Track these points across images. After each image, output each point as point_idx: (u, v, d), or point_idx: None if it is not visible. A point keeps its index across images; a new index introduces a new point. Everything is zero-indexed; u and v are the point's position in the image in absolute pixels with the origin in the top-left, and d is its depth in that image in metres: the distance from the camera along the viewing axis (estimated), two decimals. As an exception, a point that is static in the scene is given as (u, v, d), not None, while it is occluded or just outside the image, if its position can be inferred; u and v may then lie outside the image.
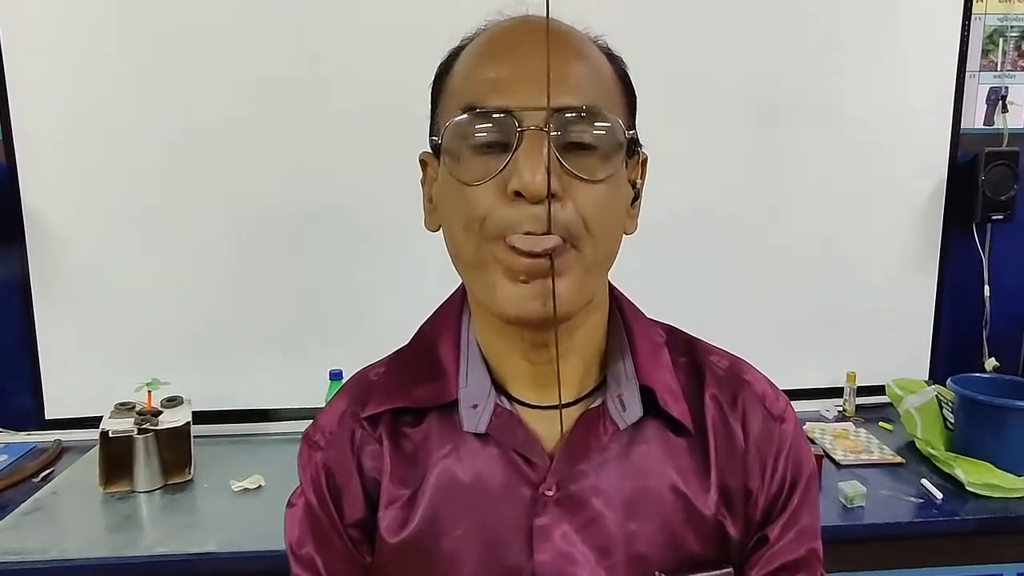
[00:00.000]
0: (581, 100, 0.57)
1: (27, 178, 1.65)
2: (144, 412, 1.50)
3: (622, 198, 0.62)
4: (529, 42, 0.56)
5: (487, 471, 0.63)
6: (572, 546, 0.61)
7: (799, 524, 0.67)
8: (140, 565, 1.25)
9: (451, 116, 0.58)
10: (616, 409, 0.63)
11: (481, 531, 0.62)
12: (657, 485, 0.63)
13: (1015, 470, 1.44)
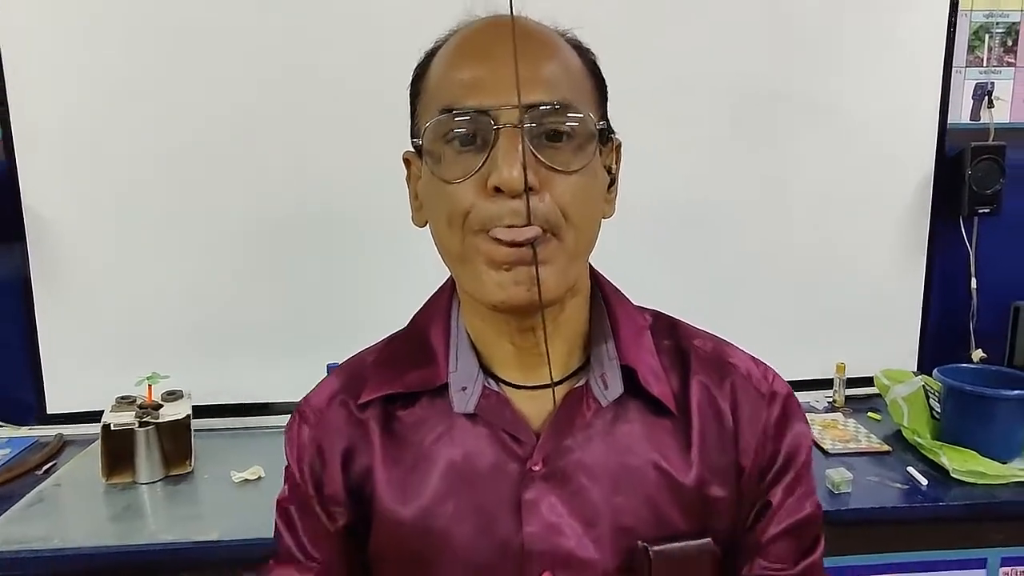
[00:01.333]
0: (552, 96, 0.60)
1: (27, 176, 1.67)
2: (145, 406, 1.52)
3: (598, 185, 0.65)
4: (499, 42, 0.59)
5: (477, 450, 0.66)
6: (559, 518, 0.65)
7: (800, 487, 0.71)
8: (144, 553, 1.28)
9: (430, 117, 0.61)
10: (599, 388, 0.67)
11: (473, 507, 0.65)
12: (640, 462, 0.66)
13: (1000, 458, 1.47)
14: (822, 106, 1.80)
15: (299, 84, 1.68)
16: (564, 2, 0.72)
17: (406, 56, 0.69)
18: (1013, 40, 1.81)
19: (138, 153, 1.67)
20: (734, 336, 0.81)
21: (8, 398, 1.74)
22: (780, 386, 0.73)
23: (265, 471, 1.50)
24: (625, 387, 0.67)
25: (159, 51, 1.65)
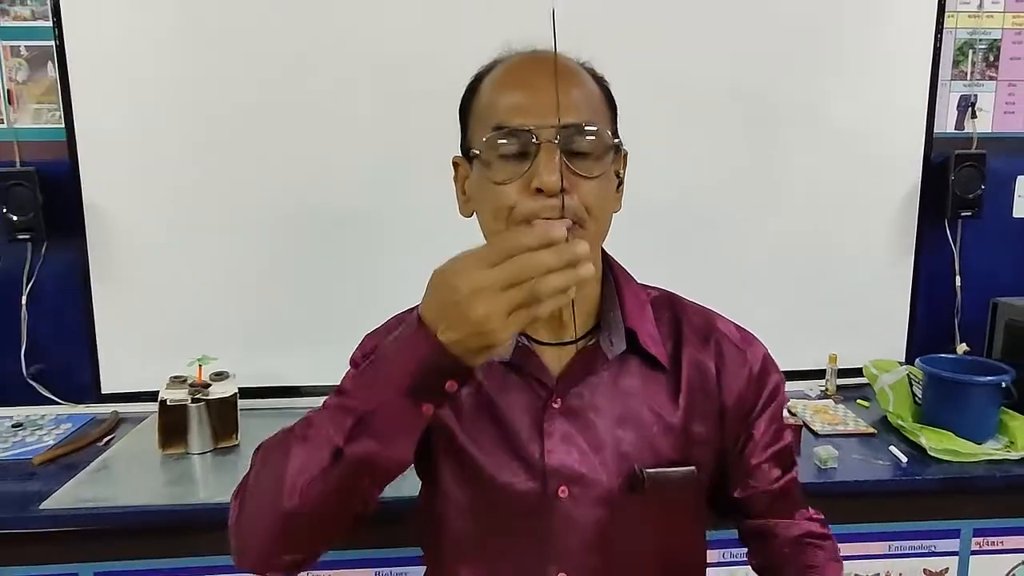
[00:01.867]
0: (580, 118, 0.76)
1: (87, 175, 1.82)
2: (196, 384, 1.68)
3: (612, 187, 0.82)
4: (537, 74, 0.76)
5: (510, 390, 0.83)
6: (572, 443, 0.81)
7: (777, 423, 0.89)
8: (197, 512, 1.43)
9: (483, 133, 0.77)
10: (607, 345, 0.83)
11: (506, 434, 0.82)
12: (637, 404, 0.83)
13: (975, 439, 1.60)
14: (817, 115, 1.93)
15: (342, 91, 1.82)
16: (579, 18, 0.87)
17: (439, 68, 0.85)
18: (995, 56, 1.95)
19: (189, 154, 1.83)
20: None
21: (67, 378, 1.90)
22: (758, 346, 0.90)
23: (304, 444, 1.65)
24: (628, 346, 0.83)
25: (212, 58, 1.80)
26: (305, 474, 0.69)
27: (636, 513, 0.82)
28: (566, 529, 0.82)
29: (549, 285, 0.62)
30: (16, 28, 1.77)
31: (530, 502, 0.81)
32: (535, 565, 0.82)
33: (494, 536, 0.83)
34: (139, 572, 1.43)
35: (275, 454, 0.73)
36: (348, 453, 0.69)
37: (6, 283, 1.85)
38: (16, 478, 1.52)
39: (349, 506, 0.73)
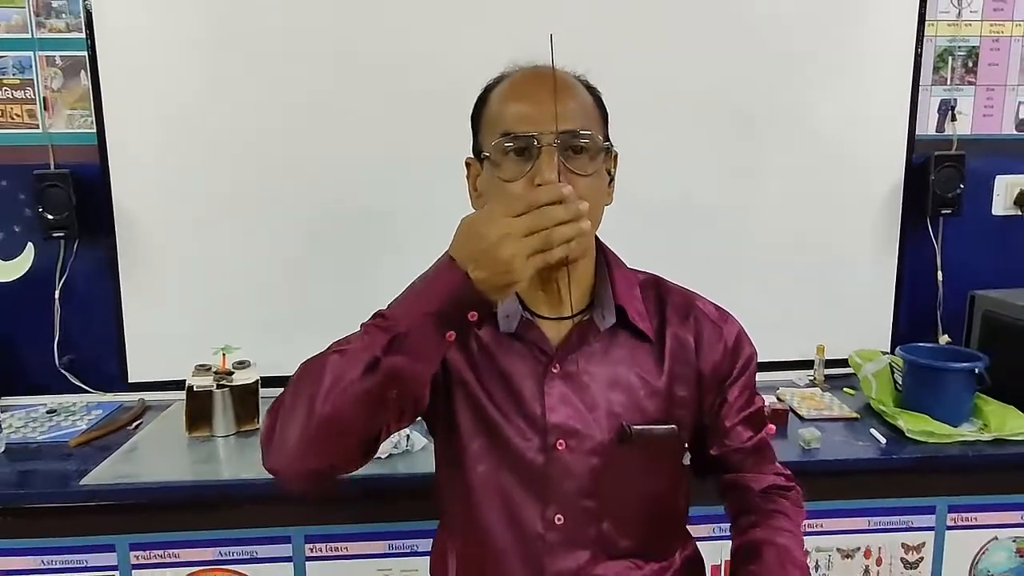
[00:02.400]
0: (575, 124, 0.89)
1: (117, 177, 1.93)
2: (220, 372, 1.79)
3: (603, 183, 0.94)
4: (539, 87, 0.88)
5: (515, 357, 0.95)
6: (569, 403, 0.93)
7: (749, 389, 1.01)
8: (222, 487, 1.55)
9: (493, 137, 0.90)
10: (599, 319, 0.95)
11: (512, 394, 0.94)
12: (626, 372, 0.95)
13: (950, 421, 1.70)
14: (806, 120, 2.03)
15: (358, 94, 1.93)
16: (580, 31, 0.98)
17: (454, 79, 0.96)
18: (973, 62, 2.06)
19: (211, 158, 1.94)
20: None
21: (97, 368, 2.02)
22: (733, 323, 1.03)
23: (322, 427, 1.76)
24: (618, 321, 0.95)
25: (233, 65, 1.91)
26: (341, 383, 0.79)
27: (624, 464, 0.94)
28: (563, 477, 0.94)
29: (560, 234, 0.76)
30: (52, 39, 1.89)
31: (532, 453, 0.94)
32: (537, 506, 0.94)
33: (504, 480, 0.95)
34: (170, 543, 1.54)
35: (312, 368, 0.83)
36: (384, 364, 0.79)
37: (41, 279, 1.97)
38: (55, 458, 1.64)
39: (372, 419, 0.83)
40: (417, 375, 0.82)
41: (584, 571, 0.95)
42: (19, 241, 1.96)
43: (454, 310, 0.79)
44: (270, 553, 1.56)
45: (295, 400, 0.83)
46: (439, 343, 0.80)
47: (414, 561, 1.58)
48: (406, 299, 0.83)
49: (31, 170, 1.89)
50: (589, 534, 0.95)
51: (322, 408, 0.80)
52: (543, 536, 0.94)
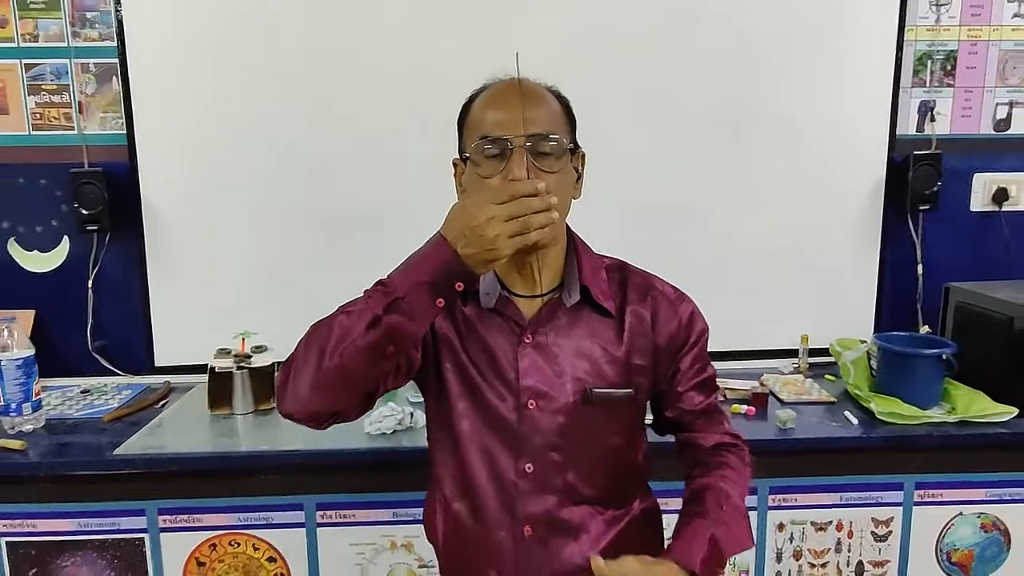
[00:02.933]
0: (543, 128, 1.02)
1: (145, 175, 2.08)
2: (239, 355, 1.94)
3: (570, 180, 1.07)
4: (513, 98, 1.01)
5: (494, 329, 1.09)
6: (539, 369, 1.07)
7: (701, 360, 1.14)
8: (242, 458, 1.70)
9: (473, 140, 1.03)
10: (566, 297, 1.09)
11: (491, 360, 1.08)
12: (590, 343, 1.08)
13: (920, 405, 1.81)
14: (792, 120, 2.14)
15: (373, 100, 2.07)
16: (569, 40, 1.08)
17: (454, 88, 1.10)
18: (952, 65, 2.16)
19: (232, 157, 2.09)
20: (718, 311, 1.22)
21: (126, 352, 2.17)
22: (688, 303, 1.16)
23: (333, 406, 1.90)
24: (583, 299, 1.09)
25: (250, 73, 2.06)
26: (347, 338, 0.94)
27: (586, 422, 1.08)
28: (533, 432, 1.07)
29: (535, 221, 0.92)
30: (86, 48, 2.04)
31: (507, 411, 1.08)
32: (512, 457, 1.08)
33: (484, 434, 1.09)
34: (194, 508, 1.69)
35: (322, 327, 0.98)
36: (383, 322, 0.93)
37: (75, 270, 2.13)
38: (90, 432, 1.79)
39: (372, 370, 0.97)
40: (411, 333, 0.96)
41: (551, 513, 1.09)
42: (56, 234, 2.12)
43: (444, 280, 0.94)
44: (284, 519, 1.70)
45: (307, 354, 0.98)
46: (430, 307, 0.95)
47: (416, 528, 1.69)
48: (403, 270, 0.97)
49: (67, 169, 2.04)
50: (556, 482, 1.08)
51: (330, 360, 0.95)
52: (516, 483, 1.08)
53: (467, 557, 1.14)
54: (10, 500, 1.67)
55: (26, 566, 1.69)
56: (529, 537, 1.09)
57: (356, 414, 1.03)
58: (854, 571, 1.80)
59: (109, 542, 1.69)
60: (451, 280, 0.94)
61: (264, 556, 1.71)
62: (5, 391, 1.75)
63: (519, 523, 1.09)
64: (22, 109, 2.06)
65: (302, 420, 1.02)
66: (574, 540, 1.10)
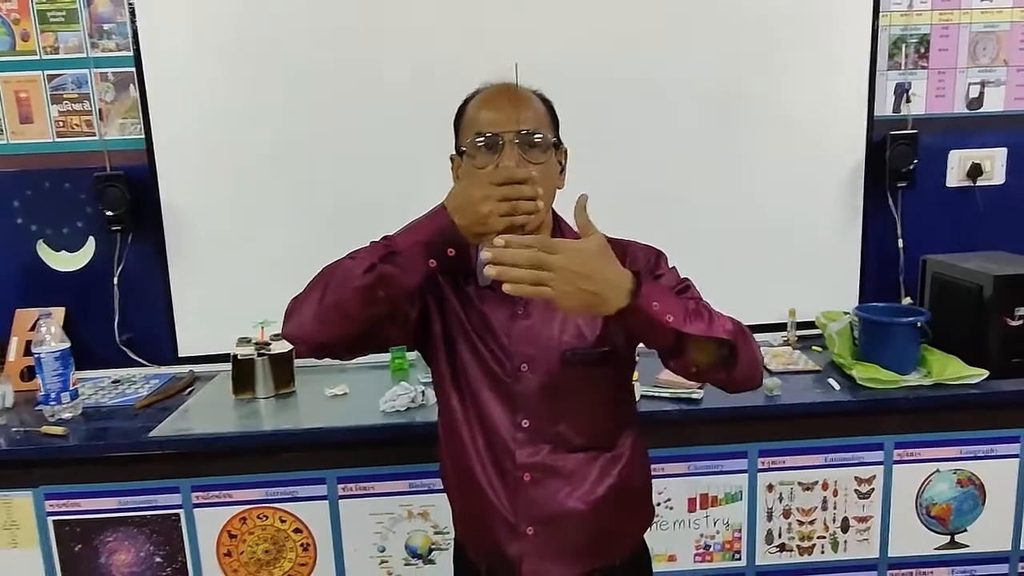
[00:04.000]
0: (530, 126, 1.15)
1: (164, 176, 2.20)
2: (259, 343, 2.06)
3: (554, 171, 1.21)
4: (504, 100, 1.15)
5: (490, 302, 1.23)
6: (529, 336, 1.21)
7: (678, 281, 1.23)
8: (266, 437, 1.83)
9: (469, 136, 1.17)
10: None
11: (488, 330, 1.22)
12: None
13: (898, 370, 1.93)
14: (774, 104, 2.25)
15: (382, 99, 2.19)
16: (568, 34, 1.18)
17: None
18: (925, 48, 2.26)
19: (247, 158, 2.21)
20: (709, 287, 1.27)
21: (151, 344, 2.30)
22: (658, 250, 1.27)
23: (350, 388, 2.03)
24: None
25: (262, 78, 2.17)
26: (347, 277, 1.10)
27: (571, 380, 1.21)
28: (527, 390, 1.22)
29: (523, 206, 1.07)
30: (105, 58, 2.16)
31: (504, 373, 1.22)
32: (509, 413, 1.23)
33: (485, 393, 1.23)
34: (225, 485, 1.83)
35: (329, 268, 1.15)
36: (378, 268, 1.09)
37: (101, 268, 2.25)
38: (124, 418, 1.93)
39: (365, 310, 1.11)
40: (400, 284, 1.10)
41: (545, 461, 1.23)
42: (82, 235, 2.25)
43: (438, 243, 1.09)
44: (308, 493, 1.84)
45: (314, 287, 1.15)
46: (422, 265, 1.10)
47: (431, 498, 1.85)
48: (405, 230, 1.13)
49: (91, 173, 2.17)
50: (549, 434, 1.23)
51: (331, 295, 1.11)
52: (514, 436, 1.22)
53: (475, 503, 1.27)
54: (55, 482, 1.80)
55: (72, 543, 1.83)
56: (528, 482, 1.23)
57: (347, 352, 1.20)
58: (840, 527, 1.93)
59: (147, 518, 1.82)
60: (445, 244, 1.09)
61: (291, 527, 1.85)
62: (45, 382, 1.88)
63: (520, 470, 1.23)
64: (46, 118, 2.18)
65: (299, 344, 1.17)
66: (568, 484, 1.23)
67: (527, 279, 0.97)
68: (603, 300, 1.00)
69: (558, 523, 1.24)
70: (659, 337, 1.06)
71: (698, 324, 1.05)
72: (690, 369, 1.11)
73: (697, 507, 1.90)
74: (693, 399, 1.87)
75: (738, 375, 1.12)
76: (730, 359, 1.09)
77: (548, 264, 0.97)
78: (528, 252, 0.97)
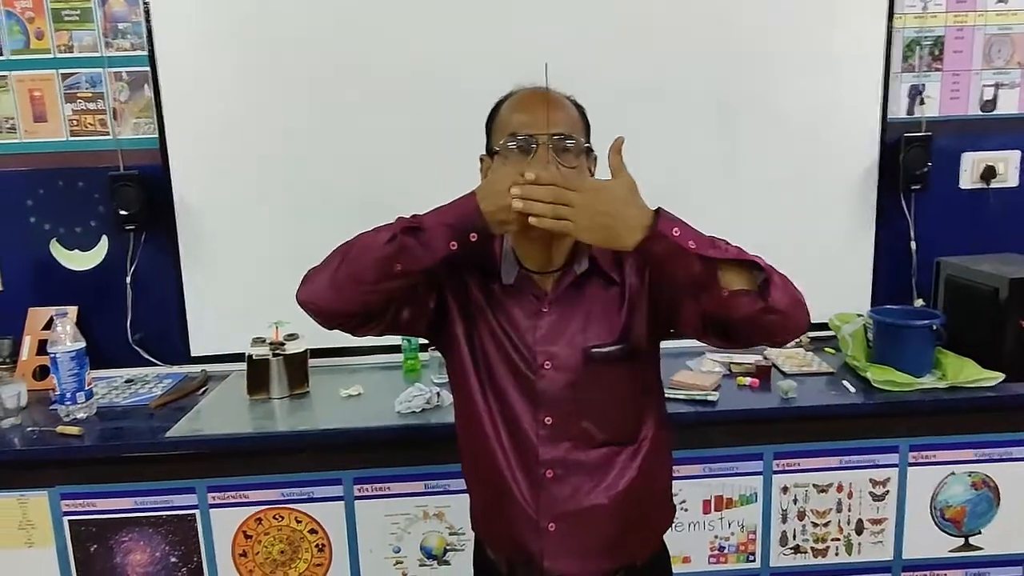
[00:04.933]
0: (564, 130, 1.16)
1: (177, 176, 2.20)
2: (274, 343, 2.06)
3: (585, 176, 1.20)
4: (538, 103, 1.15)
5: (514, 300, 1.24)
6: (552, 334, 1.22)
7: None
8: (281, 438, 1.83)
9: (502, 137, 1.17)
10: (578, 267, 1.23)
11: (513, 326, 1.23)
12: (598, 309, 1.23)
13: (913, 372, 1.93)
14: (789, 106, 2.24)
15: (392, 99, 2.18)
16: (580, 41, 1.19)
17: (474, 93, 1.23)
18: (939, 50, 2.26)
19: (259, 157, 2.20)
20: None
21: (163, 344, 2.30)
22: None
23: (364, 389, 2.03)
24: (591, 270, 1.23)
25: (275, 78, 2.17)
26: (369, 249, 1.11)
27: (592, 377, 1.22)
28: (549, 387, 1.22)
29: (537, 207, 1.05)
30: (119, 57, 2.16)
31: (527, 370, 1.23)
32: (531, 409, 1.23)
33: (508, 390, 1.24)
34: (241, 485, 1.83)
35: (350, 242, 1.16)
36: (399, 239, 1.10)
37: (114, 267, 2.25)
38: (139, 418, 1.93)
39: (380, 282, 1.11)
40: (420, 260, 1.10)
41: (567, 457, 1.23)
42: (95, 234, 2.25)
43: (462, 227, 1.10)
44: (324, 493, 1.84)
45: (333, 256, 1.16)
46: (444, 246, 1.10)
47: (447, 499, 1.85)
48: (434, 211, 1.13)
49: (105, 172, 2.16)
50: (571, 431, 1.23)
51: (349, 265, 1.12)
52: (537, 432, 1.23)
53: (497, 498, 1.27)
54: (71, 481, 1.81)
55: (88, 542, 1.83)
56: (551, 479, 1.23)
57: (358, 326, 1.19)
58: (854, 529, 1.93)
59: (163, 518, 1.83)
60: (469, 230, 1.09)
61: (306, 528, 1.85)
62: (61, 381, 1.88)
63: (542, 466, 1.23)
64: (60, 116, 2.18)
65: (311, 309, 1.17)
66: (591, 479, 1.24)
67: (548, 213, 1.05)
68: (619, 235, 1.05)
69: (579, 519, 1.24)
70: (685, 266, 1.06)
71: (723, 248, 1.09)
72: (723, 295, 1.06)
73: (712, 509, 1.91)
74: (708, 401, 1.87)
75: (778, 300, 1.07)
76: (765, 287, 1.08)
77: (569, 199, 1.04)
78: (552, 188, 1.05)
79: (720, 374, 2.03)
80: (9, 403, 1.92)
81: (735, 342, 1.17)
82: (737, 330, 1.12)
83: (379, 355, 2.25)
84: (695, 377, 1.97)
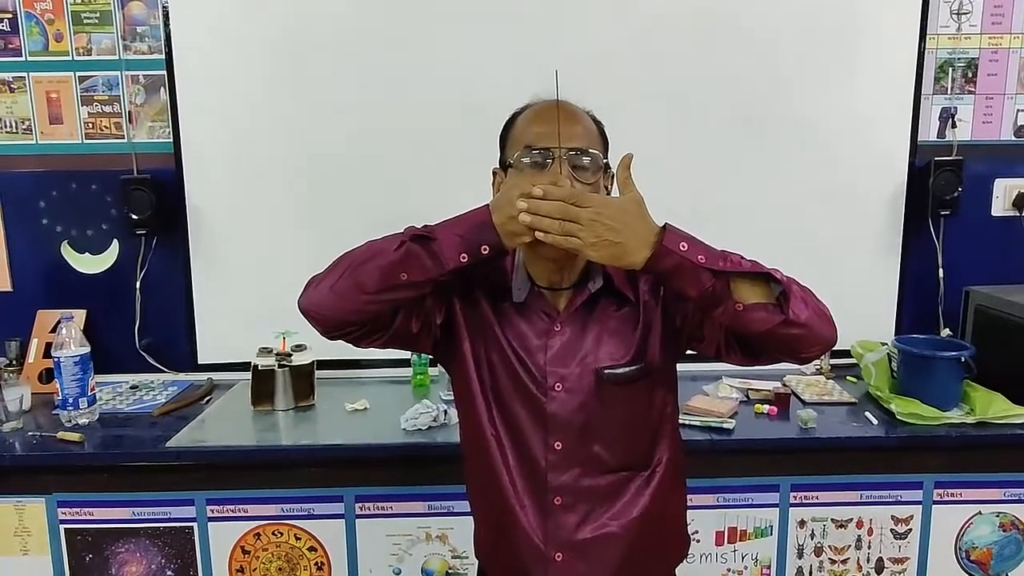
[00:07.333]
0: (581, 144, 1.12)
1: (190, 181, 2.19)
2: (280, 353, 2.02)
3: (601, 192, 1.14)
4: (554, 114, 1.11)
5: (525, 318, 1.19)
6: (564, 355, 1.17)
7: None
8: (285, 451, 1.79)
9: (517, 150, 1.13)
10: (592, 285, 1.18)
11: (523, 346, 1.18)
12: (611, 328, 1.19)
13: (940, 406, 1.85)
14: (816, 126, 2.19)
15: (407, 109, 2.15)
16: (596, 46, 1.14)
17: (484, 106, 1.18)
18: (973, 72, 2.20)
19: (273, 163, 2.18)
20: None
21: (170, 350, 2.27)
22: None
23: (370, 403, 1.98)
24: (605, 288, 1.18)
25: (289, 83, 2.15)
26: (377, 256, 1.07)
27: (605, 400, 1.17)
28: (559, 409, 1.17)
29: (543, 222, 1.02)
30: (136, 60, 2.15)
31: (537, 392, 1.18)
32: (541, 434, 1.18)
33: (517, 412, 1.19)
34: (241, 499, 1.78)
35: (358, 249, 1.12)
36: (407, 246, 1.06)
37: (124, 271, 2.23)
38: (141, 426, 1.90)
39: (383, 291, 1.07)
40: (426, 269, 1.06)
41: (577, 482, 1.18)
42: (106, 237, 2.23)
43: (474, 238, 1.05)
44: (325, 511, 1.79)
45: (340, 261, 1.12)
46: (454, 256, 1.06)
47: (450, 520, 1.79)
48: (446, 222, 1.10)
49: (118, 175, 2.15)
50: (581, 456, 1.18)
51: (354, 272, 1.08)
52: (546, 457, 1.18)
53: (503, 524, 1.22)
54: (69, 489, 1.77)
55: (83, 552, 1.79)
56: (559, 506, 1.18)
57: (361, 338, 1.14)
58: (874, 568, 1.85)
59: (161, 530, 1.79)
60: (480, 241, 1.05)
61: (305, 545, 1.80)
62: (63, 386, 1.85)
63: (551, 493, 1.18)
64: (75, 119, 2.17)
65: (312, 317, 1.14)
66: (601, 507, 1.19)
67: (556, 229, 1.02)
68: (627, 251, 1.02)
69: (589, 549, 1.19)
70: (695, 281, 1.03)
71: (736, 261, 1.06)
72: (737, 309, 1.03)
73: (725, 540, 1.84)
74: (724, 428, 1.81)
75: (798, 313, 1.03)
76: (783, 299, 1.04)
77: (576, 216, 1.01)
78: (559, 204, 1.02)
79: (737, 400, 1.96)
80: (12, 406, 1.89)
81: (759, 358, 1.13)
82: (759, 345, 1.09)
83: (388, 368, 2.21)
84: (711, 403, 1.90)
